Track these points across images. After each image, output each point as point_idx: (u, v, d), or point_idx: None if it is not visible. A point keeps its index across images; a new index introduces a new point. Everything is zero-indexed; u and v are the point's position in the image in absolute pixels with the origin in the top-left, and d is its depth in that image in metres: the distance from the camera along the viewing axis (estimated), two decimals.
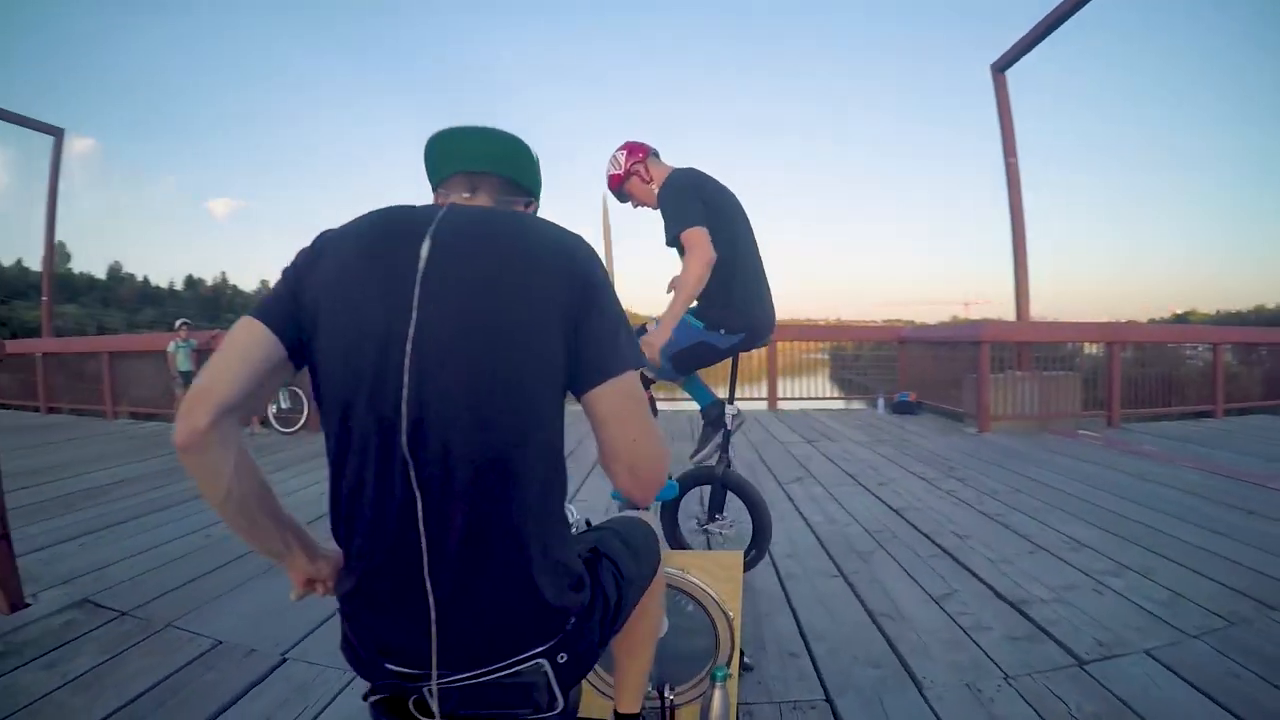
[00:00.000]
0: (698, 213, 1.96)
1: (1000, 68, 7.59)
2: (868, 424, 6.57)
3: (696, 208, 1.98)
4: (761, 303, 2.14)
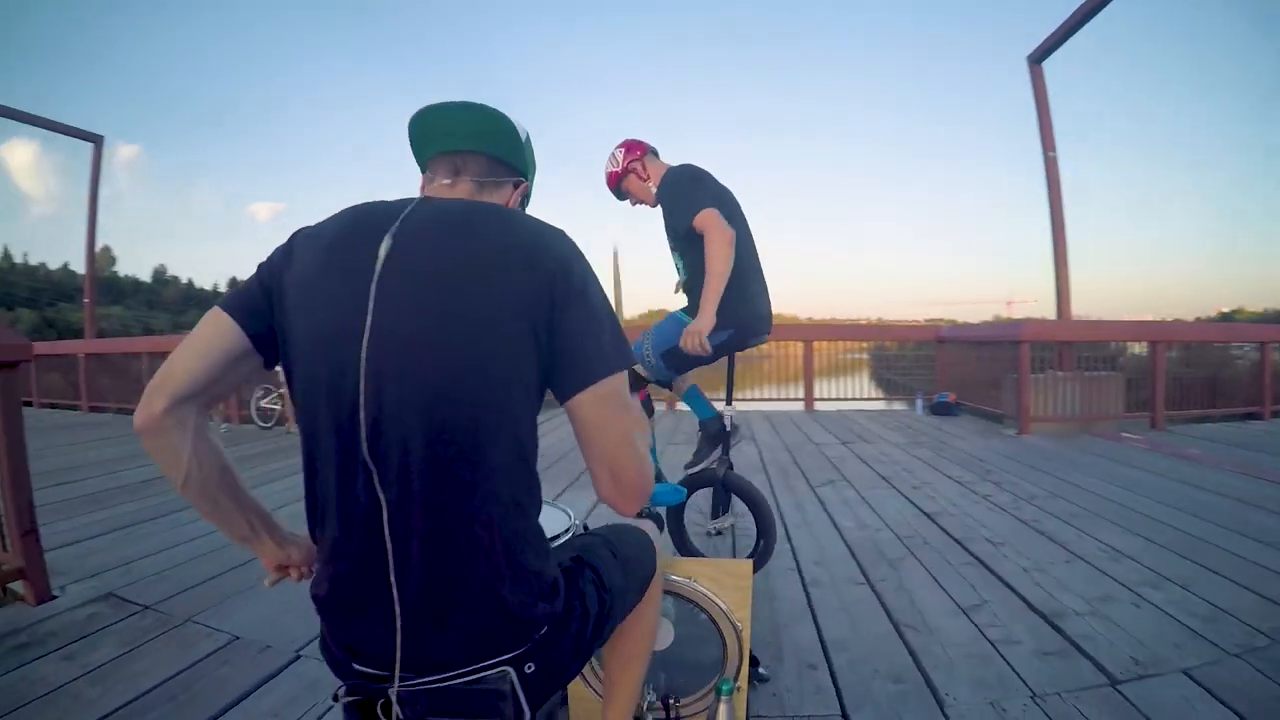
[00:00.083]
0: (707, 196, 1.97)
1: (1036, 59, 7.34)
2: (905, 425, 6.40)
3: (705, 193, 1.99)
4: (756, 301, 2.11)
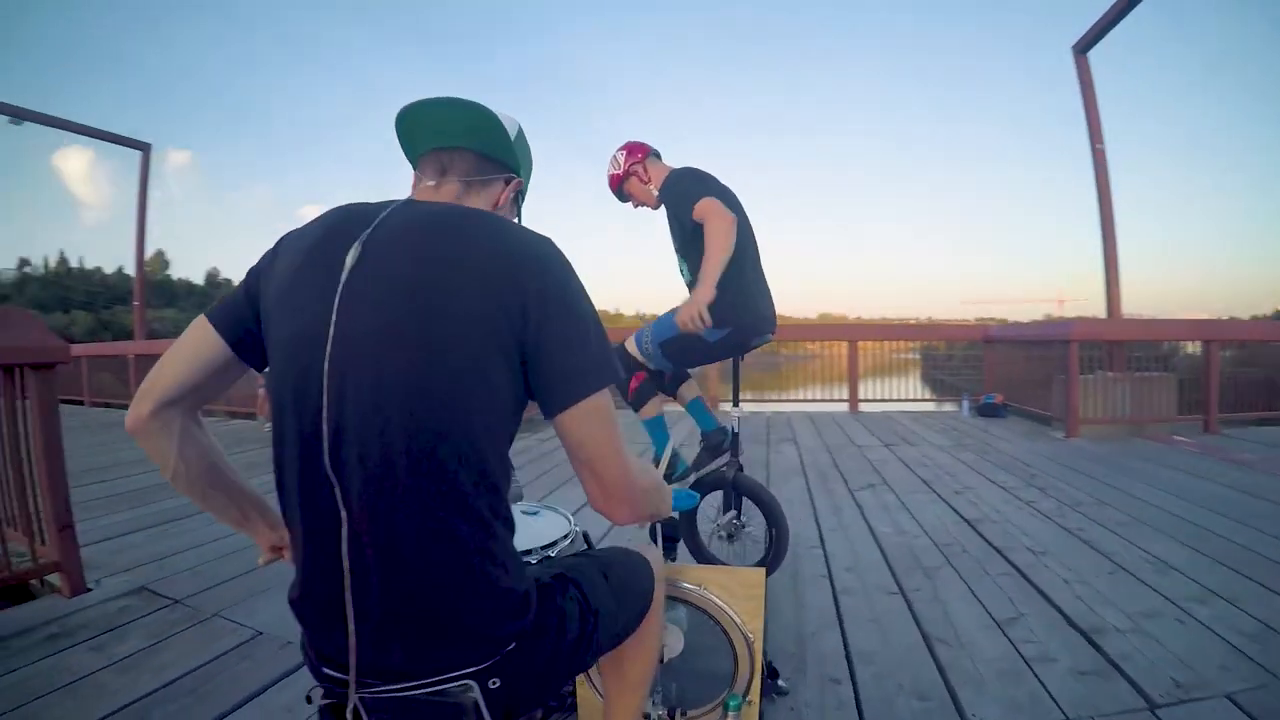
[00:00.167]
0: (709, 190, 1.98)
1: (1082, 49, 7.07)
2: (950, 427, 6.21)
3: (706, 188, 2.00)
4: (756, 301, 2.08)
